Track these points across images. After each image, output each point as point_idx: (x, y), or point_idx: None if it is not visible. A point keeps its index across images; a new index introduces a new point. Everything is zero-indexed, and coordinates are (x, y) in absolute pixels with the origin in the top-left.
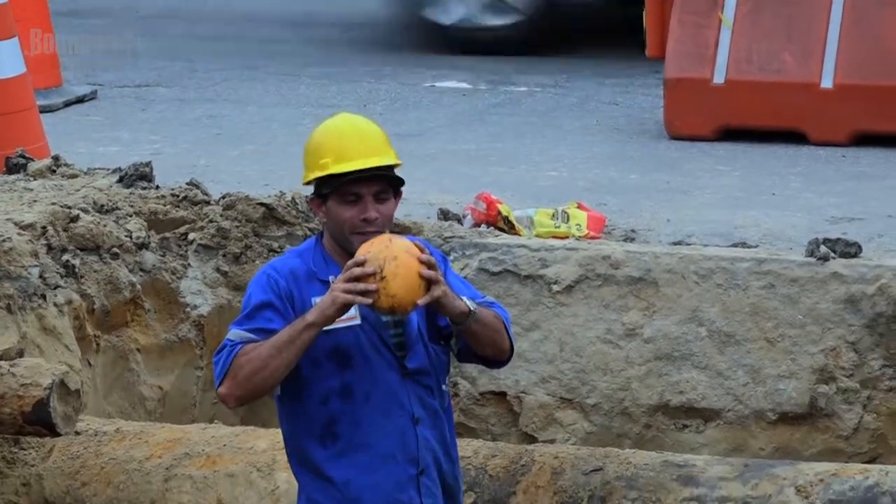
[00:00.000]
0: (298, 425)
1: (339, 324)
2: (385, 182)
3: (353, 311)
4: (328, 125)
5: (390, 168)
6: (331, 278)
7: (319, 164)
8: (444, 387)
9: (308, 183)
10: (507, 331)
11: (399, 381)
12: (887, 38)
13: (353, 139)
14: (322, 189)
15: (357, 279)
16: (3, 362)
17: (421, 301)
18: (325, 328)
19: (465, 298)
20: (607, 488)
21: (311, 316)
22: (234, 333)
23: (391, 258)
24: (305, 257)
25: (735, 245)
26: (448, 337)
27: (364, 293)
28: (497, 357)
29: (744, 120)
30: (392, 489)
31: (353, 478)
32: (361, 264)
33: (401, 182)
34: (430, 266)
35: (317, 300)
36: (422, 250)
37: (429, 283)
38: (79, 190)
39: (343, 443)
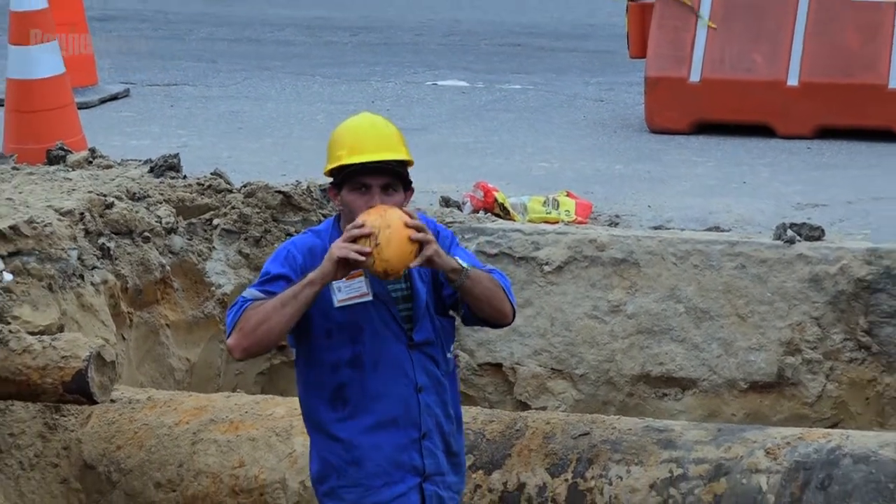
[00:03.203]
0: (311, 389)
1: (353, 300)
2: (393, 176)
3: (365, 289)
4: (349, 122)
5: (399, 164)
6: None
7: (336, 155)
8: (448, 354)
9: (328, 173)
10: (507, 294)
11: (405, 352)
12: (847, 39)
13: (367, 134)
14: (337, 178)
15: (354, 240)
16: (45, 337)
17: (413, 264)
18: (339, 305)
19: (457, 258)
20: (594, 451)
21: (312, 274)
22: (248, 292)
23: (385, 227)
24: (323, 236)
25: (709, 229)
26: (454, 306)
27: (360, 253)
28: (498, 318)
29: (717, 115)
30: (393, 451)
31: (356, 438)
32: (359, 227)
33: (409, 177)
34: (419, 230)
35: None
36: (411, 216)
37: (420, 246)
38: (113, 179)
39: (351, 407)
